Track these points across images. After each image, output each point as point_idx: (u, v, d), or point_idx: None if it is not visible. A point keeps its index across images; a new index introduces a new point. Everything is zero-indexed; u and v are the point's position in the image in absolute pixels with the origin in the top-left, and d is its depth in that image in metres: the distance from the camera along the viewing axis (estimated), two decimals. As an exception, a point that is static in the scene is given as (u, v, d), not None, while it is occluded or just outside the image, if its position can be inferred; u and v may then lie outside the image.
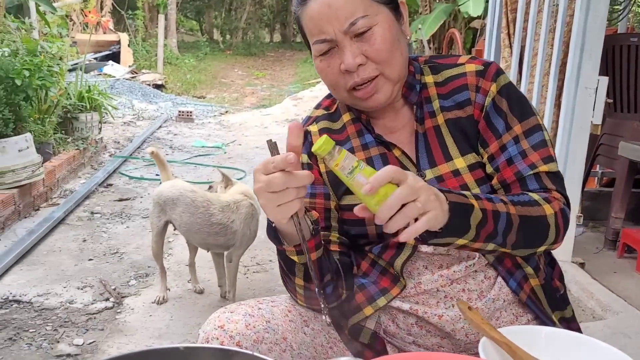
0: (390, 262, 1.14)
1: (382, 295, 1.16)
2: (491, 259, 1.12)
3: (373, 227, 1.14)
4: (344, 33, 1.06)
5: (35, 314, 2.66)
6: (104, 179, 4.89)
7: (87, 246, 3.50)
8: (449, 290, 1.13)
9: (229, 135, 7.34)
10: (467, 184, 1.11)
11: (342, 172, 0.89)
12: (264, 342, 1.06)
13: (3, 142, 3.66)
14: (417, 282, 1.14)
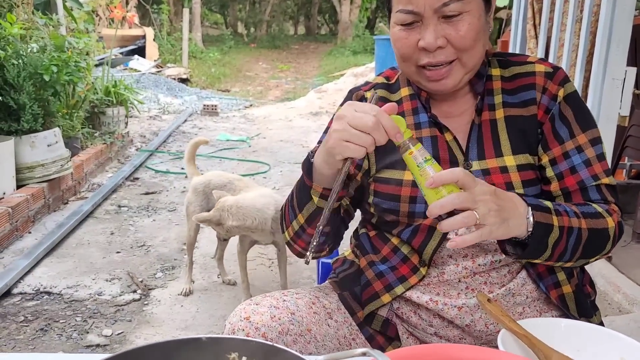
0: (418, 250, 1.14)
1: (400, 283, 1.16)
2: (523, 260, 1.10)
3: (407, 204, 1.14)
4: (434, 11, 1.04)
5: (66, 305, 2.73)
6: (131, 172, 4.97)
7: (115, 239, 3.58)
8: (471, 282, 1.13)
9: (253, 129, 7.38)
10: (513, 182, 1.10)
11: (414, 160, 0.93)
12: (288, 333, 1.08)
13: (32, 137, 3.75)
14: (441, 271, 1.14)
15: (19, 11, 4.42)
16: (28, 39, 4.20)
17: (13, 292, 2.81)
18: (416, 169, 0.93)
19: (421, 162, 0.93)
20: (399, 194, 1.14)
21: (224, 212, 2.41)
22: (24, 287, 2.87)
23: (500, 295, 1.12)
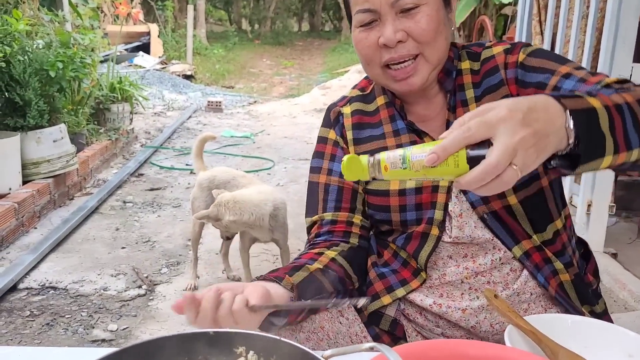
0: (414, 255, 1.15)
1: (401, 286, 1.17)
2: (518, 253, 1.11)
3: (397, 214, 1.14)
4: (390, 6, 1.03)
5: (71, 300, 2.74)
6: (136, 168, 4.98)
7: (120, 235, 3.59)
8: (474, 282, 1.13)
9: (257, 125, 7.38)
10: None
11: (396, 169, 0.80)
12: (302, 331, 1.08)
13: (38, 133, 3.76)
14: (442, 273, 1.14)
15: (25, 7, 4.43)
16: (34, 35, 4.22)
17: (19, 287, 2.83)
18: (406, 172, 0.79)
19: (401, 162, 0.79)
20: (388, 204, 1.15)
21: (222, 207, 2.42)
22: (30, 282, 2.88)
23: (505, 296, 1.12)
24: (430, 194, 1.12)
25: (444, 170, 0.76)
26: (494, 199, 1.08)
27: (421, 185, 1.12)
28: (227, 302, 0.88)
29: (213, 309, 0.87)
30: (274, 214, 2.53)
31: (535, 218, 1.10)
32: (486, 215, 1.09)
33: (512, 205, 1.08)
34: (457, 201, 1.11)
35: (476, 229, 1.10)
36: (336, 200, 1.19)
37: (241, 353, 0.75)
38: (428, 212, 1.12)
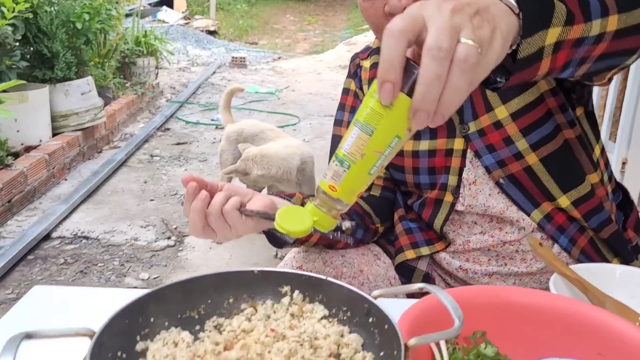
0: (429, 222, 1.12)
1: (426, 245, 1.15)
2: (538, 217, 1.05)
3: (411, 176, 1.11)
4: None
5: (103, 249, 2.79)
6: (162, 123, 4.99)
7: (148, 187, 3.62)
8: (502, 251, 1.09)
9: (282, 82, 7.31)
10: (511, 136, 1.02)
11: (341, 178, 0.63)
12: (343, 276, 1.08)
13: (66, 85, 3.77)
14: (466, 240, 1.11)
15: (50, -42, 4.37)
16: (59, -14, 4.18)
17: (52, 236, 2.89)
18: (356, 171, 0.63)
19: (340, 165, 0.63)
20: (402, 164, 1.11)
21: (249, 161, 2.42)
22: (63, 231, 2.94)
23: (537, 269, 1.09)
24: (444, 157, 1.07)
25: (388, 123, 0.60)
26: (511, 161, 1.02)
27: (435, 148, 1.08)
28: (217, 201, 0.85)
29: (201, 216, 0.84)
30: (301, 168, 2.52)
31: (563, 176, 1.03)
32: (502, 180, 1.04)
33: (531, 165, 1.02)
34: (471, 167, 1.06)
35: (491, 197, 1.06)
36: None
37: (286, 292, 0.74)
38: (442, 177, 1.08)
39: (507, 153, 1.03)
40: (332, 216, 0.67)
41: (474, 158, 1.05)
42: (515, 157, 1.02)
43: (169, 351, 0.65)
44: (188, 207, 0.86)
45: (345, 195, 0.65)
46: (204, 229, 0.86)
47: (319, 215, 0.67)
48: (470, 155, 1.06)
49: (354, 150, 0.61)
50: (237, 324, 0.70)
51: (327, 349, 0.65)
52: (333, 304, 0.72)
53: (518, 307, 0.85)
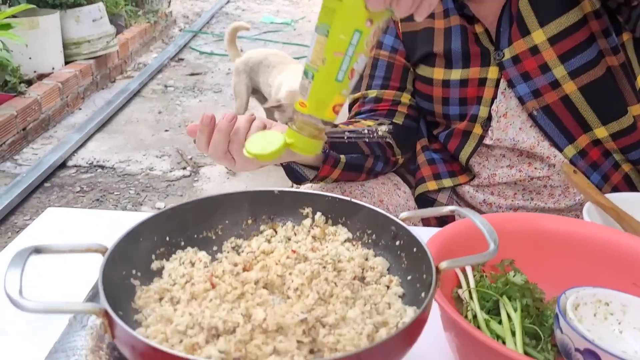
0: (454, 154, 1.07)
1: (449, 177, 1.10)
2: (571, 153, 0.99)
3: (440, 106, 1.06)
4: None
5: (119, 178, 2.78)
6: (175, 53, 4.89)
7: (163, 118, 3.58)
8: (529, 185, 1.05)
9: (297, 12, 7.08)
10: (548, 62, 0.95)
11: (308, 90, 0.58)
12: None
13: (77, 11, 3.66)
14: (492, 173, 1.06)
15: None
16: None
17: (68, 164, 2.88)
18: (323, 77, 0.57)
19: (306, 77, 0.59)
20: (431, 94, 1.06)
21: None
22: (78, 160, 2.93)
23: (565, 206, 1.04)
24: (477, 87, 1.01)
25: (342, 17, 0.53)
26: (547, 91, 0.96)
27: (467, 78, 1.01)
28: (242, 130, 0.80)
29: (225, 138, 0.79)
30: None
31: (603, 108, 0.96)
32: (536, 112, 0.98)
33: (569, 94, 0.95)
34: (503, 98, 1.00)
35: (521, 131, 1.00)
36: (384, 77, 1.10)
37: (307, 214, 0.71)
38: (472, 108, 1.03)
39: (542, 81, 0.96)
40: (310, 137, 0.59)
41: (507, 88, 0.99)
42: (552, 86, 0.96)
43: (186, 270, 0.62)
44: (202, 139, 0.81)
45: (316, 109, 0.58)
46: (225, 154, 0.81)
47: (295, 137, 0.60)
48: (503, 85, 1.00)
49: (315, 57, 0.55)
50: (256, 246, 0.67)
51: (351, 272, 0.62)
52: (357, 227, 0.69)
53: (550, 235, 0.81)
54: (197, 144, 0.82)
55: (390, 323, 0.55)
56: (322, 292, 0.58)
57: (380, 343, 0.46)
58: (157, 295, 0.59)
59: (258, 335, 0.52)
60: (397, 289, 0.61)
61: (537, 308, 0.75)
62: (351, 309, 0.57)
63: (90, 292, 0.65)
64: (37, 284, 0.81)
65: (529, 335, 0.72)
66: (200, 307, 0.56)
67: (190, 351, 0.51)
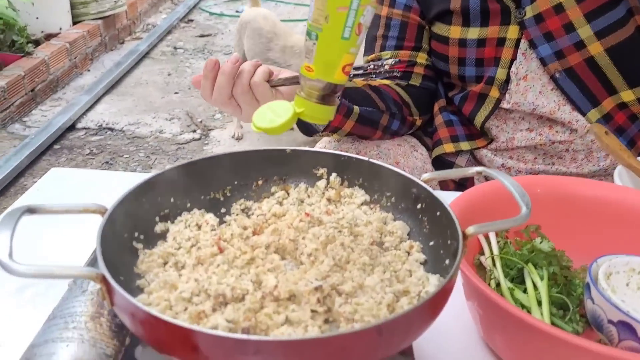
0: (469, 117, 1.02)
1: (467, 140, 1.05)
2: (595, 117, 0.94)
3: (455, 67, 1.00)
4: None
5: (128, 141, 2.75)
6: (185, 14, 4.79)
7: (172, 80, 3.52)
8: (550, 150, 1.00)
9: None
10: (572, 21, 0.89)
11: (313, 51, 0.52)
12: None
13: (85, -30, 3.58)
14: (510, 137, 1.01)
15: None
16: None
17: (77, 126, 2.84)
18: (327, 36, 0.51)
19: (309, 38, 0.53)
20: (447, 53, 1.00)
21: None
22: (87, 122, 2.90)
23: (588, 171, 0.98)
24: (495, 47, 0.95)
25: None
26: (570, 52, 0.90)
27: (485, 37, 0.95)
28: (246, 73, 0.76)
29: (229, 82, 0.76)
30: None
31: (631, 70, 0.91)
32: (558, 74, 0.92)
33: (594, 56, 0.90)
34: (523, 60, 0.94)
35: (541, 95, 0.95)
36: (398, 37, 1.04)
37: (322, 175, 0.66)
38: (489, 70, 0.97)
39: (566, 42, 0.90)
40: (320, 102, 0.54)
41: (528, 49, 0.94)
42: (576, 47, 0.90)
43: (192, 234, 0.58)
44: (206, 85, 0.78)
45: (323, 72, 0.52)
46: (230, 99, 0.77)
47: (304, 105, 0.54)
48: (524, 45, 0.94)
49: (316, 15, 0.50)
50: (267, 208, 0.63)
51: (368, 237, 0.58)
52: (375, 189, 0.64)
53: (579, 199, 0.76)
54: (202, 92, 0.79)
55: (411, 292, 0.51)
56: (338, 258, 0.54)
57: (403, 314, 0.41)
58: (160, 259, 0.55)
59: (269, 304, 0.48)
60: (419, 256, 0.56)
61: (564, 277, 0.71)
62: (369, 276, 0.52)
63: (92, 256, 0.61)
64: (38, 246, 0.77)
65: (556, 306, 0.68)
66: (207, 273, 0.52)
67: (195, 320, 0.47)
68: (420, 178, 0.59)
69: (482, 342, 0.66)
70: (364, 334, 0.40)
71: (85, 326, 0.51)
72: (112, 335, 0.52)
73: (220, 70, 0.77)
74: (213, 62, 0.77)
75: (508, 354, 0.61)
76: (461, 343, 0.65)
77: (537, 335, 0.54)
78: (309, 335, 0.44)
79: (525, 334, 0.56)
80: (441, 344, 0.64)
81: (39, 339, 0.52)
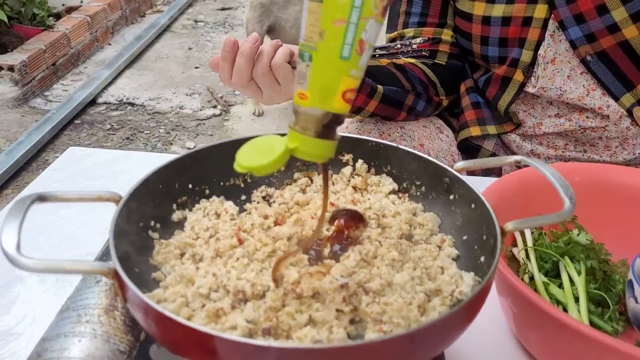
0: (493, 102, 0.97)
1: (494, 123, 1.00)
2: (629, 102, 0.88)
3: (478, 46, 0.95)
4: None
5: (149, 116, 2.73)
6: (206, -14, 4.73)
7: (193, 54, 3.48)
8: (582, 137, 0.94)
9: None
10: (606, 2, 0.84)
11: (302, 75, 0.44)
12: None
13: (105, -58, 3.53)
14: (538, 122, 0.96)
15: None
16: None
17: (98, 101, 2.83)
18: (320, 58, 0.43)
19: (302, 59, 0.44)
20: (470, 31, 0.94)
21: None
22: (108, 97, 2.88)
23: (622, 160, 0.93)
24: (520, 27, 0.89)
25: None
26: (603, 35, 0.84)
27: (510, 15, 0.89)
28: (266, 55, 0.72)
29: (249, 63, 0.72)
30: None
31: None
32: (590, 57, 0.86)
33: (630, 39, 0.84)
34: (551, 42, 0.88)
35: (570, 79, 0.89)
36: (421, 13, 0.98)
37: (348, 161, 0.63)
38: (514, 51, 0.91)
39: (599, 25, 0.84)
40: (318, 136, 0.44)
41: (557, 30, 0.88)
42: (609, 30, 0.84)
43: (210, 223, 0.55)
44: (225, 67, 0.74)
45: (320, 99, 0.43)
46: (249, 81, 0.73)
47: (299, 140, 0.44)
48: (552, 26, 0.88)
49: (310, 33, 0.42)
50: (289, 196, 0.60)
51: (397, 229, 0.54)
52: (405, 177, 0.60)
53: (621, 189, 0.72)
54: (220, 75, 0.75)
55: (444, 291, 0.47)
56: (365, 253, 0.50)
57: (437, 320, 0.38)
58: (177, 250, 0.52)
59: (291, 302, 0.45)
60: (451, 251, 0.53)
61: (603, 271, 0.67)
62: (398, 272, 0.49)
63: (106, 244, 0.59)
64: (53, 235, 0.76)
65: (594, 302, 0.64)
66: (226, 267, 0.49)
67: (213, 318, 0.44)
68: (451, 165, 0.55)
69: (514, 339, 0.62)
70: (394, 342, 0.37)
71: (99, 320, 0.49)
72: (127, 330, 0.49)
73: (240, 51, 0.72)
74: (232, 43, 0.73)
75: (543, 355, 0.58)
76: (492, 340, 0.61)
77: (574, 337, 0.51)
78: (335, 343, 0.41)
79: (562, 334, 0.53)
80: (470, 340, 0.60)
81: (50, 332, 0.50)
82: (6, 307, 0.64)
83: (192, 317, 0.44)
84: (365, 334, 0.44)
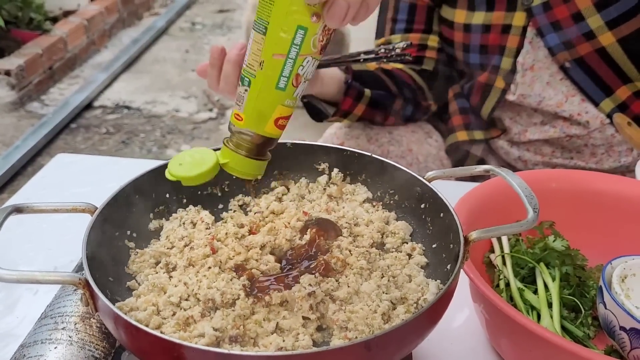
0: (476, 109, 0.98)
1: (480, 129, 1.01)
2: (608, 107, 0.89)
3: (460, 53, 0.96)
4: None
5: (145, 120, 2.74)
6: (204, -11, 4.74)
7: (190, 57, 3.49)
8: (568, 144, 0.95)
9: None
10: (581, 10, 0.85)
11: (244, 100, 0.47)
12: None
13: (102, -55, 3.54)
14: (524, 129, 0.97)
15: None
16: None
17: (94, 105, 2.85)
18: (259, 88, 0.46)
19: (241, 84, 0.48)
20: (452, 38, 0.96)
21: None
22: (104, 100, 2.89)
23: (609, 167, 0.94)
24: (499, 34, 0.90)
25: (282, 11, 0.42)
26: (580, 42, 0.85)
27: (490, 23, 0.90)
28: None
29: (235, 69, 0.72)
30: None
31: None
32: (568, 64, 0.87)
33: (606, 47, 0.85)
34: (530, 49, 0.89)
35: (549, 86, 0.90)
36: (407, 20, 1.00)
37: (324, 170, 0.64)
38: (494, 58, 0.92)
39: (575, 32, 0.86)
40: (249, 156, 0.47)
41: (535, 37, 0.89)
42: (586, 37, 0.86)
43: (186, 232, 0.56)
44: (213, 74, 0.75)
45: (254, 122, 0.46)
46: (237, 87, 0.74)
47: (230, 157, 0.47)
48: (530, 34, 0.89)
49: (251, 60, 0.45)
50: (265, 204, 0.61)
51: (369, 238, 0.55)
52: (378, 186, 0.61)
53: (597, 195, 0.73)
54: (209, 82, 0.76)
55: (409, 299, 0.49)
56: (334, 262, 0.51)
57: (395, 328, 0.39)
58: (152, 259, 0.53)
59: (260, 309, 0.46)
60: (420, 259, 0.54)
61: (578, 277, 0.68)
62: (366, 281, 0.50)
63: (84, 252, 0.60)
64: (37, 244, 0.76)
65: (568, 307, 0.65)
66: (197, 276, 0.50)
67: (183, 326, 0.45)
68: (425, 176, 0.56)
69: (489, 345, 0.63)
70: (351, 349, 0.38)
71: (75, 327, 0.50)
72: (102, 338, 0.51)
73: (226, 58, 0.74)
74: (219, 50, 0.74)
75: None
76: (467, 346, 0.62)
77: (543, 344, 0.52)
78: (297, 350, 0.42)
79: (531, 341, 0.54)
80: (446, 346, 0.61)
81: (28, 339, 0.51)
82: (10, 308, 0.65)
83: (162, 325, 0.45)
84: (331, 341, 0.45)
